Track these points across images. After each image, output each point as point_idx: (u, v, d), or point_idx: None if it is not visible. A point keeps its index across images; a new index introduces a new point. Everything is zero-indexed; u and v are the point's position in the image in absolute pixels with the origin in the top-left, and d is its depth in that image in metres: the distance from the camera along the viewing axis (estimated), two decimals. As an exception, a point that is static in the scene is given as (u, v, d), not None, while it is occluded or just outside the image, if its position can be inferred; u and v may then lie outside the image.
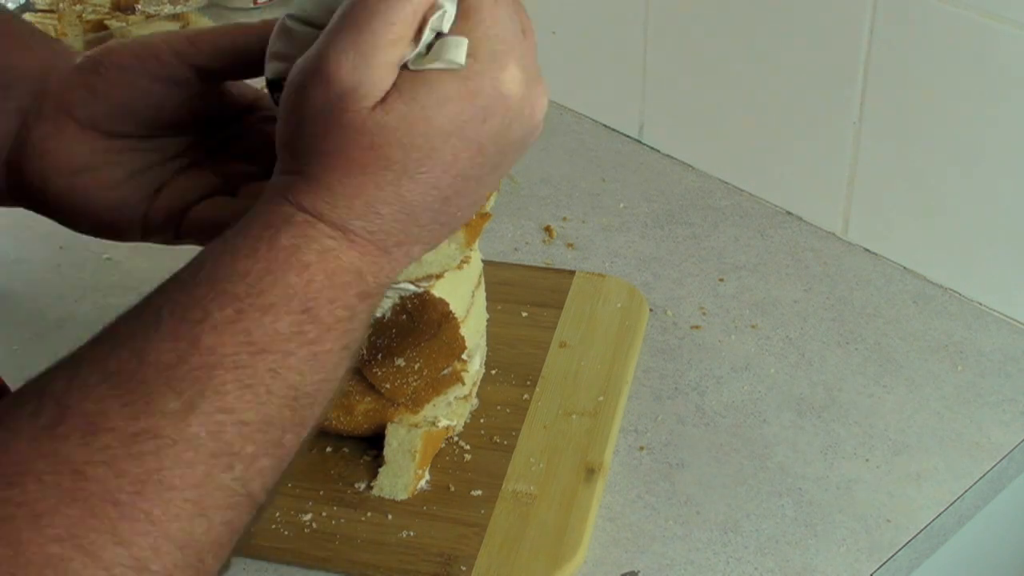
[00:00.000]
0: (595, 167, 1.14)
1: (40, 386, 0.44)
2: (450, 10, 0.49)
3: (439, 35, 0.49)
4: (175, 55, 0.61)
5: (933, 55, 0.90)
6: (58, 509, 0.41)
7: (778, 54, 1.01)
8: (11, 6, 1.31)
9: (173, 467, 0.43)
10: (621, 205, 1.08)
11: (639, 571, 0.74)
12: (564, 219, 1.06)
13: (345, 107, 0.48)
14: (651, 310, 0.94)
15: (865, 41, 0.94)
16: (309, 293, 0.47)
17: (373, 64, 0.48)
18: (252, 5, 1.44)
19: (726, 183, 1.10)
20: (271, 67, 0.55)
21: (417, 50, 0.49)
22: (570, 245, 1.03)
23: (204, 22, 1.38)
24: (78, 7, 1.31)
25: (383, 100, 0.48)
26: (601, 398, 0.84)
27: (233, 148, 0.64)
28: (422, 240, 0.52)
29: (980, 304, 0.95)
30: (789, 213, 1.06)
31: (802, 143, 1.02)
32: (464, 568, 0.72)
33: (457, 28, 0.49)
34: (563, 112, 1.21)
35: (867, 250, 1.01)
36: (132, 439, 0.43)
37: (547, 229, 1.05)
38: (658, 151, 1.15)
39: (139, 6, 1.34)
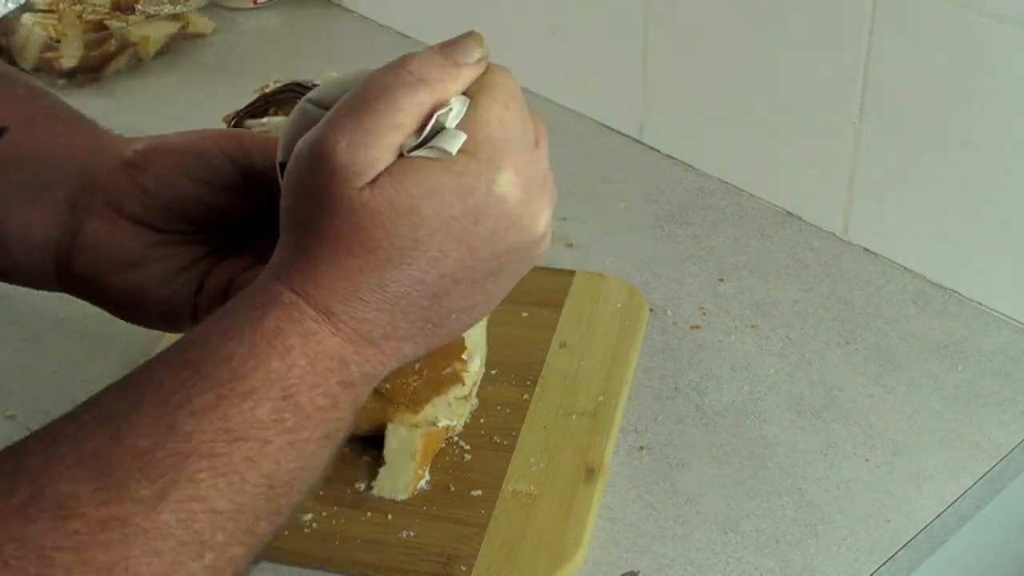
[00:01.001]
0: (595, 167, 1.14)
1: (17, 460, 0.44)
2: (458, 108, 0.49)
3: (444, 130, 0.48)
4: (226, 159, 0.60)
5: (933, 55, 0.90)
6: None
7: (778, 54, 1.01)
8: (11, 6, 1.31)
9: (141, 556, 0.42)
10: (621, 205, 1.08)
11: (639, 571, 0.74)
12: (564, 219, 1.06)
13: (336, 184, 0.47)
14: (651, 310, 0.94)
15: (865, 41, 0.94)
16: (290, 379, 0.46)
17: (370, 144, 0.47)
18: (251, 5, 1.44)
19: (726, 183, 1.10)
20: (283, 149, 0.54)
21: (418, 141, 0.48)
22: (570, 245, 1.03)
23: (204, 22, 1.38)
24: (78, 7, 1.31)
25: (373, 182, 0.47)
26: (601, 398, 0.84)
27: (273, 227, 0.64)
28: (413, 338, 0.50)
29: (980, 304, 0.95)
30: (789, 213, 1.06)
31: (802, 143, 1.02)
32: (464, 568, 0.72)
33: (462, 126, 0.49)
34: (563, 112, 1.21)
35: (867, 250, 1.01)
36: (101, 526, 0.42)
37: (547, 229, 1.05)
38: (658, 151, 1.15)
39: (139, 6, 1.34)
